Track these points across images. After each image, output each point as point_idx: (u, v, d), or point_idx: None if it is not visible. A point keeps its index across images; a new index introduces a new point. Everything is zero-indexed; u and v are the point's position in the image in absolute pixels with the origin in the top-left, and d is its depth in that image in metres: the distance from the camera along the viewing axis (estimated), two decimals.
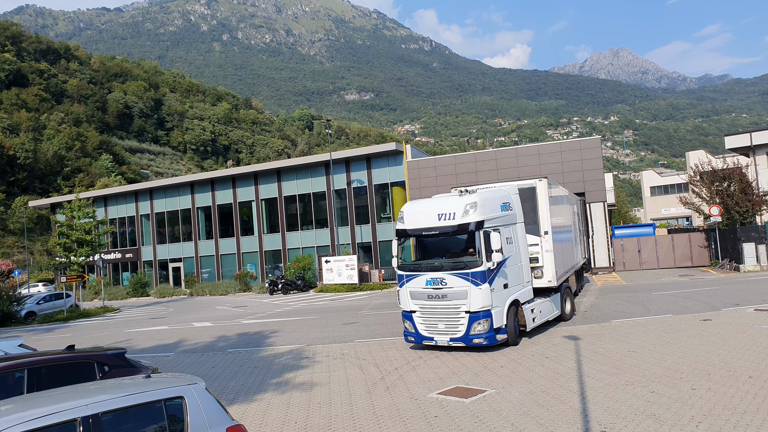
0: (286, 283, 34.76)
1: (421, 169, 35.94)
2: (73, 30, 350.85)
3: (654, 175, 75.58)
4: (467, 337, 12.17)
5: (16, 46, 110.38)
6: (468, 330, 12.13)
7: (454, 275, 12.18)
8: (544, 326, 14.79)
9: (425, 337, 12.83)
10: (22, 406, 4.85)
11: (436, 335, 12.65)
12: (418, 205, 13.25)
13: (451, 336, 12.40)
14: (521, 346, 12.75)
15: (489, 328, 12.09)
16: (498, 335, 12.33)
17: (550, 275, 14.49)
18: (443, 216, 12.42)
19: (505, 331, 12.53)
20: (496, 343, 12.37)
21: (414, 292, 12.81)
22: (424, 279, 12.58)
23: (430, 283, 12.48)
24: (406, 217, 13.09)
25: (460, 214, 12.24)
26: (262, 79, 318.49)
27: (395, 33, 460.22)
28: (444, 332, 12.53)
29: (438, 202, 12.87)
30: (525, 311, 13.35)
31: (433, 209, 12.69)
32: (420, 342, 13.03)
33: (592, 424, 7.44)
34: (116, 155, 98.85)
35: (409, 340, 13.30)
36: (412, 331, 13.04)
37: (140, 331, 21.86)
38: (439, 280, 12.36)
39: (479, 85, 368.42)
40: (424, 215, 12.76)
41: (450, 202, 12.61)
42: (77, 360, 7.73)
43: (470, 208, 12.20)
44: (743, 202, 29.63)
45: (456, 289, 12.17)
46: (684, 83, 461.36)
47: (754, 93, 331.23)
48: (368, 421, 8.35)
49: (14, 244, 66.99)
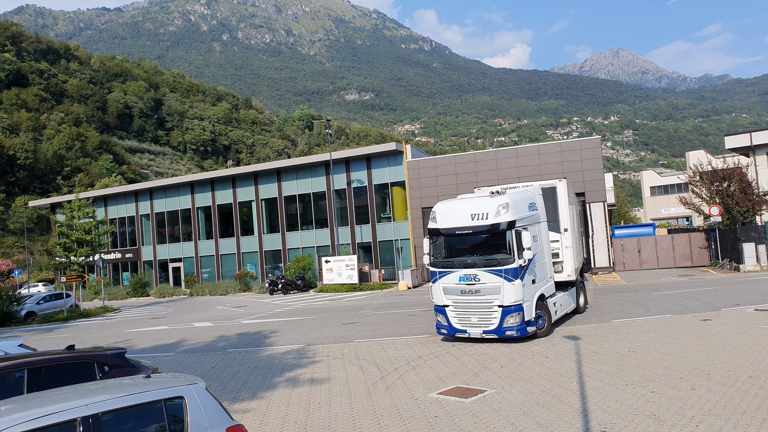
0: (286, 283, 34.77)
1: (421, 169, 35.94)
2: (73, 30, 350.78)
3: (654, 175, 75.56)
4: (500, 329, 12.91)
5: (16, 46, 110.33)
6: (501, 323, 12.86)
7: (487, 272, 12.89)
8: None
9: (458, 330, 13.51)
10: (22, 406, 4.85)
11: (469, 328, 13.34)
12: (450, 205, 13.87)
13: (484, 329, 13.12)
14: (521, 347, 12.76)
15: (521, 321, 12.85)
16: (528, 327, 13.07)
17: (570, 270, 15.55)
18: (476, 216, 13.11)
19: (534, 323, 13.29)
20: (526, 335, 13.07)
21: (447, 288, 13.48)
22: (458, 275, 13.25)
23: (463, 279, 13.18)
24: (438, 216, 13.71)
25: (493, 214, 12.93)
26: (262, 79, 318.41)
27: (395, 33, 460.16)
28: (477, 325, 13.22)
29: (470, 203, 13.51)
30: (549, 304, 14.14)
31: (466, 209, 13.35)
32: (453, 334, 13.69)
33: (592, 424, 7.44)
34: (116, 155, 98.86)
35: (441, 332, 13.98)
36: (445, 324, 13.69)
37: (140, 331, 21.86)
38: (472, 276, 13.06)
39: (479, 85, 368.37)
40: (456, 215, 13.42)
41: (482, 203, 13.27)
42: (77, 360, 7.73)
43: (502, 209, 12.91)
44: (743, 202, 29.63)
45: (489, 285, 12.87)
46: (684, 83, 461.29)
47: (754, 93, 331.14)
48: (368, 421, 8.35)
49: (14, 244, 66.99)
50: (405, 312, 20.98)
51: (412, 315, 19.96)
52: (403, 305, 23.46)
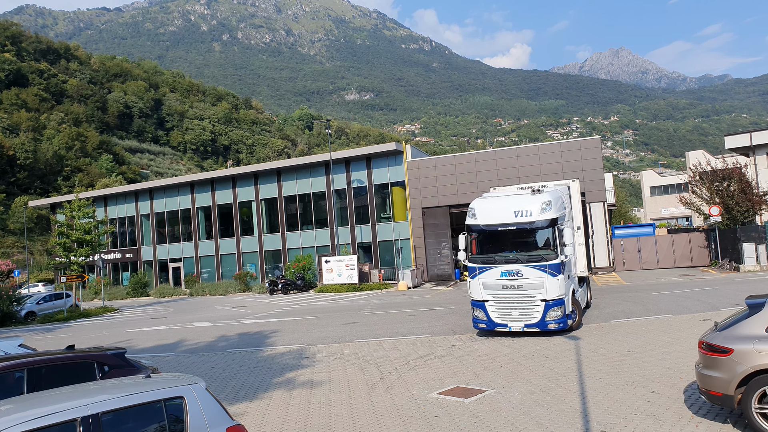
0: (286, 283, 34.77)
1: (421, 169, 35.94)
2: (73, 30, 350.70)
3: (654, 175, 75.57)
4: (543, 322, 13.26)
5: (16, 46, 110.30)
6: (544, 316, 13.23)
7: (530, 267, 13.26)
8: None
9: (498, 324, 13.76)
10: (22, 406, 4.85)
11: (510, 322, 13.63)
12: (489, 202, 14.26)
13: (526, 322, 13.43)
14: (521, 347, 12.77)
15: (563, 314, 13.31)
16: (567, 320, 13.53)
17: (582, 266, 16.24)
18: (520, 213, 13.50)
19: (572, 317, 13.84)
20: (566, 327, 13.50)
21: (487, 283, 13.75)
22: (499, 271, 13.57)
23: (505, 274, 13.50)
24: (478, 213, 14.06)
25: (537, 211, 13.36)
26: (262, 79, 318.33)
27: (395, 33, 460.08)
28: (518, 319, 13.52)
29: (512, 200, 13.97)
30: (578, 299, 14.75)
31: (508, 206, 13.75)
32: (492, 329, 13.94)
33: (592, 424, 7.44)
34: (116, 155, 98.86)
35: (479, 327, 14.20)
36: (484, 318, 13.94)
37: (140, 331, 21.86)
38: (515, 271, 13.40)
39: (479, 85, 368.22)
40: (498, 212, 13.82)
41: (525, 201, 13.71)
42: (77, 360, 7.73)
43: (546, 207, 13.39)
44: (743, 202, 29.63)
45: (532, 280, 13.23)
46: (684, 83, 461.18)
47: (754, 93, 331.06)
48: (368, 421, 8.35)
49: (14, 244, 67.00)
50: (405, 312, 20.98)
51: (412, 315, 19.97)
52: (403, 305, 23.46)
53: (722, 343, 6.75)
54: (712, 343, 6.86)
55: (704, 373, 6.92)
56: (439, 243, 35.40)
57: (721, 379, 6.66)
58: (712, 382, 6.79)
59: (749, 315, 6.88)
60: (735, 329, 6.82)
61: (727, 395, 6.63)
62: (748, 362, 6.45)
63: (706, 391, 6.93)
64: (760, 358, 6.40)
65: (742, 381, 6.50)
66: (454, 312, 19.83)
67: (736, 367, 6.51)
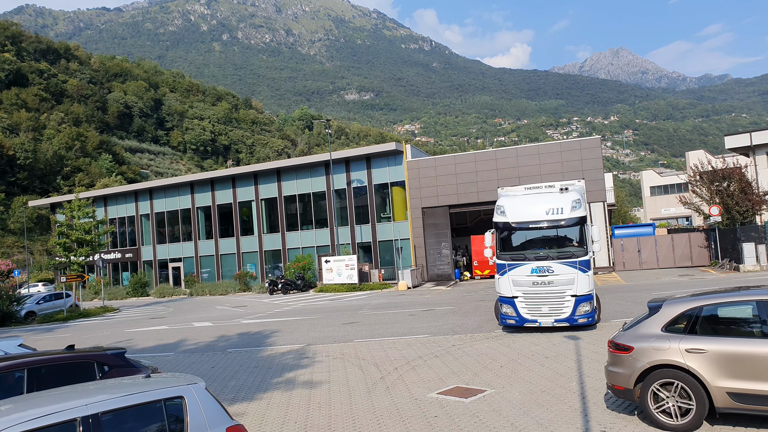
0: (286, 283, 34.77)
1: (421, 169, 35.94)
2: (73, 30, 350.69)
3: (654, 175, 75.56)
4: (572, 317, 13.53)
5: (16, 46, 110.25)
6: (574, 311, 13.48)
7: (561, 263, 13.55)
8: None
9: (528, 320, 13.94)
10: (21, 406, 4.84)
11: (540, 318, 13.83)
12: (518, 199, 14.56)
13: (556, 318, 13.68)
14: (521, 346, 12.77)
15: (592, 309, 13.63)
16: (595, 315, 13.87)
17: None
18: (551, 211, 13.85)
19: (597, 311, 14.11)
20: (594, 322, 13.88)
21: (517, 280, 13.93)
22: (529, 267, 13.78)
23: (535, 271, 13.73)
24: (507, 210, 14.32)
25: (568, 209, 13.73)
26: (262, 79, 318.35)
27: (395, 33, 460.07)
28: (548, 315, 13.75)
29: (541, 198, 14.32)
30: (598, 295, 15.05)
31: (539, 204, 14.07)
32: (522, 324, 14.08)
33: (592, 424, 7.45)
34: (116, 155, 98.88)
35: (507, 323, 14.34)
36: (513, 314, 14.09)
37: (140, 331, 21.86)
38: (545, 268, 13.64)
39: (479, 85, 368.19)
40: (529, 209, 14.11)
41: (556, 198, 14.05)
42: (77, 360, 7.72)
43: (576, 204, 13.76)
44: (743, 202, 29.64)
45: (563, 276, 13.51)
46: (684, 83, 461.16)
47: (754, 93, 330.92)
48: (368, 420, 8.35)
49: (14, 244, 67.00)
50: (405, 312, 20.98)
51: (411, 315, 19.97)
52: (402, 305, 23.46)
53: (625, 342, 7.36)
54: (617, 342, 7.47)
55: (610, 370, 7.51)
56: (439, 243, 35.41)
57: (623, 374, 7.25)
58: (616, 378, 7.37)
59: (648, 316, 7.48)
60: (636, 329, 7.43)
61: (628, 389, 7.22)
62: (645, 358, 7.05)
63: (611, 386, 7.49)
64: (656, 354, 7.00)
65: (640, 376, 7.08)
66: (453, 312, 19.84)
67: (636, 363, 7.11)
